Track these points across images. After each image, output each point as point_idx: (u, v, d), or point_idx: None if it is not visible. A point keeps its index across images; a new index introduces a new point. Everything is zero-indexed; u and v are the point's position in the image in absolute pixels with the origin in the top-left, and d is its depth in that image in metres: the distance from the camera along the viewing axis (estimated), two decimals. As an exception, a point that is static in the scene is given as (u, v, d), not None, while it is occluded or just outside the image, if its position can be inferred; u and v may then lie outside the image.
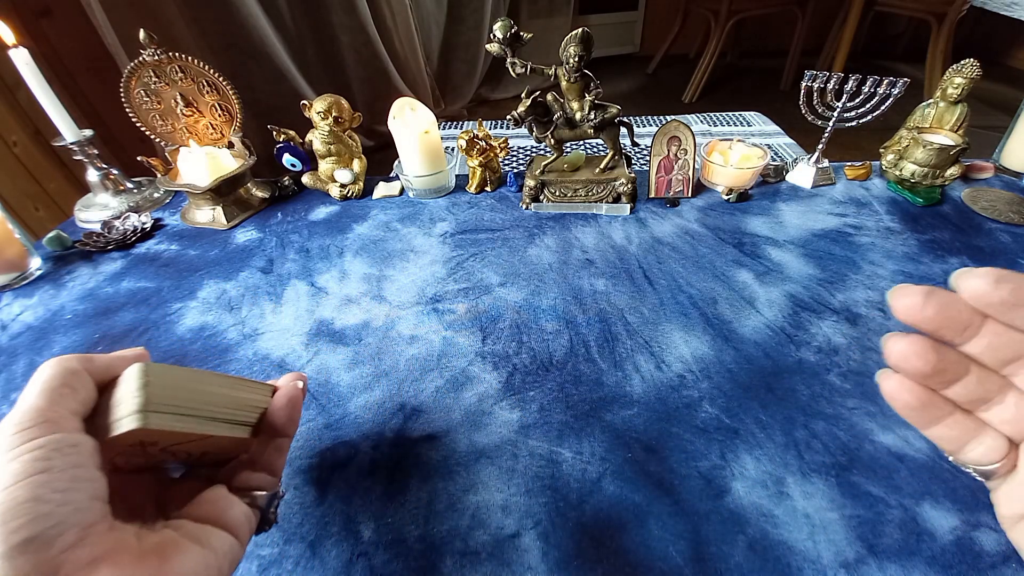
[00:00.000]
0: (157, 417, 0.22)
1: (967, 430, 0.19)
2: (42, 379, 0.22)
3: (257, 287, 0.59)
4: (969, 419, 0.20)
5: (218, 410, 0.25)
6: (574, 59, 0.57)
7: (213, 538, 0.22)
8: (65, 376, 0.22)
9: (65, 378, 0.22)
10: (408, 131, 0.69)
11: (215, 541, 0.22)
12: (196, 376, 0.25)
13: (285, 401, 0.29)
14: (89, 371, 0.23)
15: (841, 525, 0.34)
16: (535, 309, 0.53)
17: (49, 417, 0.20)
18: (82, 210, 0.74)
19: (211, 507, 0.24)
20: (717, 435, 0.40)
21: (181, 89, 0.69)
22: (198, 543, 0.22)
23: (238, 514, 0.24)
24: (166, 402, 0.22)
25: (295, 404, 0.29)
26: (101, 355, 0.24)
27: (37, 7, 1.18)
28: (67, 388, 0.21)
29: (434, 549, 0.34)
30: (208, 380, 0.25)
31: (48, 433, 0.20)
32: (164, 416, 0.22)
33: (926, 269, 0.56)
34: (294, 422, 0.29)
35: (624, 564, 0.32)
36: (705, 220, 0.66)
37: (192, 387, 0.24)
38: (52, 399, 0.21)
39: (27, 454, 0.19)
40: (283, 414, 0.28)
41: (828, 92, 0.68)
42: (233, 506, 0.25)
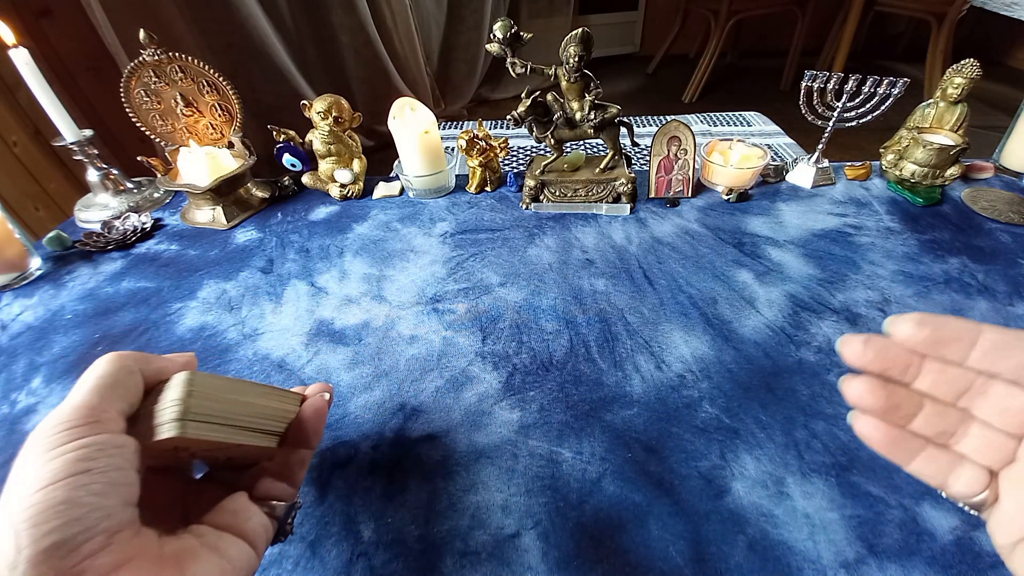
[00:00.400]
0: (195, 426, 0.22)
1: (945, 464, 0.21)
2: (97, 374, 0.22)
3: (257, 287, 0.59)
4: (944, 453, 0.21)
5: (251, 420, 0.26)
6: (574, 59, 0.57)
7: (231, 548, 0.22)
8: (120, 375, 0.22)
9: (120, 376, 0.22)
10: (408, 131, 0.69)
11: (232, 551, 0.22)
12: (235, 386, 0.26)
13: (312, 413, 0.29)
14: (142, 372, 0.23)
15: (841, 525, 0.34)
16: (535, 309, 0.53)
17: (99, 416, 0.20)
18: (82, 210, 0.74)
19: (232, 516, 0.24)
20: (717, 435, 0.40)
21: (181, 89, 0.69)
22: (216, 552, 0.22)
23: (257, 524, 0.24)
24: (205, 412, 0.23)
25: (321, 417, 0.30)
26: (155, 357, 0.25)
27: (37, 7, 1.18)
28: (121, 387, 0.22)
29: (434, 549, 0.34)
30: (245, 390, 0.26)
31: (95, 433, 0.20)
32: (202, 425, 0.23)
33: (926, 269, 0.56)
34: (318, 435, 0.29)
35: (624, 564, 0.32)
36: (705, 220, 0.66)
37: (230, 397, 0.25)
38: (104, 396, 0.21)
39: (71, 453, 0.19)
40: (309, 426, 0.29)
41: (828, 92, 0.68)
42: (253, 516, 0.25)
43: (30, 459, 0.19)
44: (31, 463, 0.19)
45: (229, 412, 0.24)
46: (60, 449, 0.19)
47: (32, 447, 0.19)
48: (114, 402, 0.21)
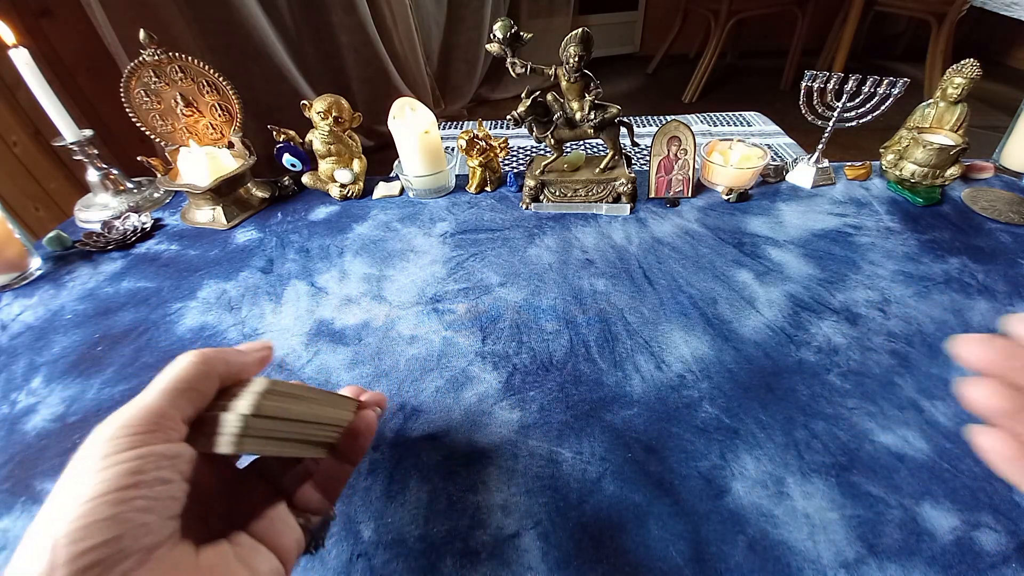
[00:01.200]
0: (252, 442, 0.22)
1: None
2: (174, 376, 0.21)
3: (257, 287, 0.59)
4: None
5: (311, 432, 0.25)
6: (574, 59, 0.57)
7: (263, 564, 0.22)
8: (197, 380, 0.21)
9: (194, 382, 0.21)
10: (408, 131, 0.69)
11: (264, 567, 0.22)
12: (306, 394, 0.25)
13: (364, 427, 0.28)
14: (220, 373, 0.23)
15: (841, 525, 0.34)
16: (535, 309, 0.53)
17: (162, 423, 0.20)
18: (82, 210, 0.74)
19: (269, 526, 0.24)
20: (717, 435, 0.40)
21: (181, 89, 0.69)
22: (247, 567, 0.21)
23: (291, 541, 0.24)
24: (267, 428, 0.22)
25: (370, 435, 0.29)
26: (233, 353, 0.24)
27: (37, 7, 1.18)
28: (192, 392, 0.21)
29: (434, 549, 0.34)
30: (313, 398, 0.26)
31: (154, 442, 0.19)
32: (259, 441, 0.22)
33: (926, 269, 0.56)
34: (364, 450, 0.29)
35: (624, 564, 0.32)
36: (705, 220, 0.66)
37: (299, 410, 0.24)
38: (174, 402, 0.20)
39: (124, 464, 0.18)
40: (361, 441, 0.28)
41: (828, 92, 0.68)
42: (289, 531, 0.24)
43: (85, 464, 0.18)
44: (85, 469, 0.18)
45: (291, 426, 0.24)
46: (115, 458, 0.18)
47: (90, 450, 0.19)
48: (183, 408, 0.21)
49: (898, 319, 0.50)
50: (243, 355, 0.25)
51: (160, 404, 0.20)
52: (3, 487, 0.39)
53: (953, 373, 0.44)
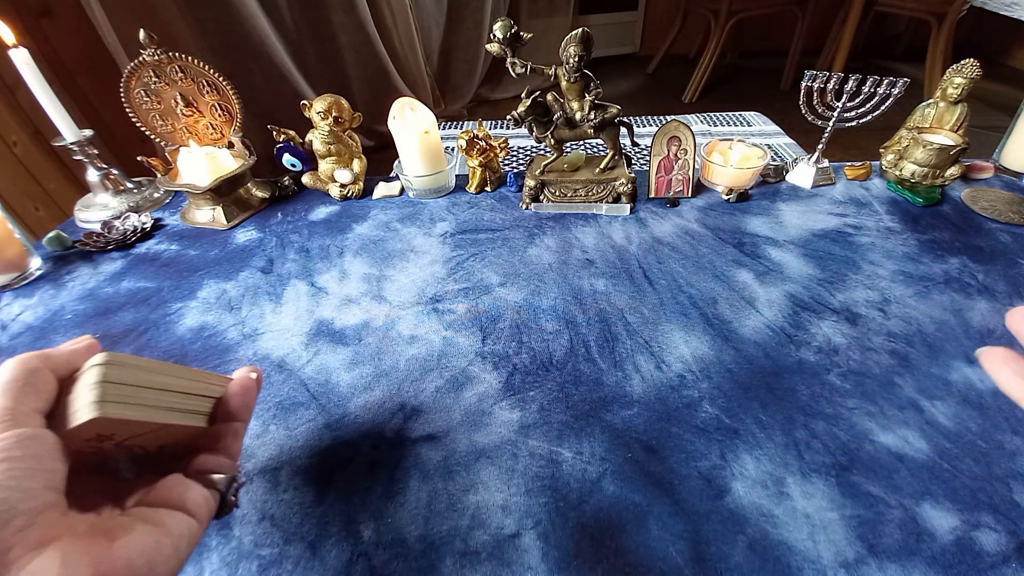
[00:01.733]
0: (113, 407, 0.22)
1: None
2: (3, 379, 0.22)
3: (257, 287, 0.59)
4: None
5: (175, 400, 0.26)
6: (574, 59, 0.57)
7: (168, 519, 0.23)
8: (27, 375, 0.22)
9: (27, 377, 0.22)
10: (408, 131, 0.69)
11: (170, 521, 0.23)
12: (153, 366, 0.25)
13: (238, 388, 0.29)
14: (50, 368, 0.23)
15: (841, 525, 0.34)
16: (535, 309, 0.53)
17: (13, 415, 0.21)
18: (82, 210, 0.74)
19: (168, 492, 0.24)
20: (717, 435, 0.40)
21: (181, 89, 0.69)
22: (151, 523, 0.22)
23: (196, 495, 0.25)
24: (123, 394, 0.23)
25: (248, 390, 0.30)
26: (59, 349, 0.25)
27: (37, 7, 1.18)
28: (28, 386, 0.22)
29: (434, 549, 0.34)
30: (166, 371, 0.26)
31: (10, 428, 0.20)
32: (119, 406, 0.23)
33: (926, 269, 0.56)
34: (248, 408, 0.30)
35: (624, 564, 0.32)
36: (705, 220, 0.66)
37: (149, 378, 0.25)
38: (15, 398, 0.21)
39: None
40: (237, 400, 0.29)
41: (828, 92, 0.68)
42: (190, 489, 0.25)
43: None
44: None
45: (149, 393, 0.24)
46: None
47: None
48: (26, 401, 0.22)
49: (898, 319, 0.50)
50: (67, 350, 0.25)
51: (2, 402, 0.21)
52: None
53: (953, 373, 0.44)
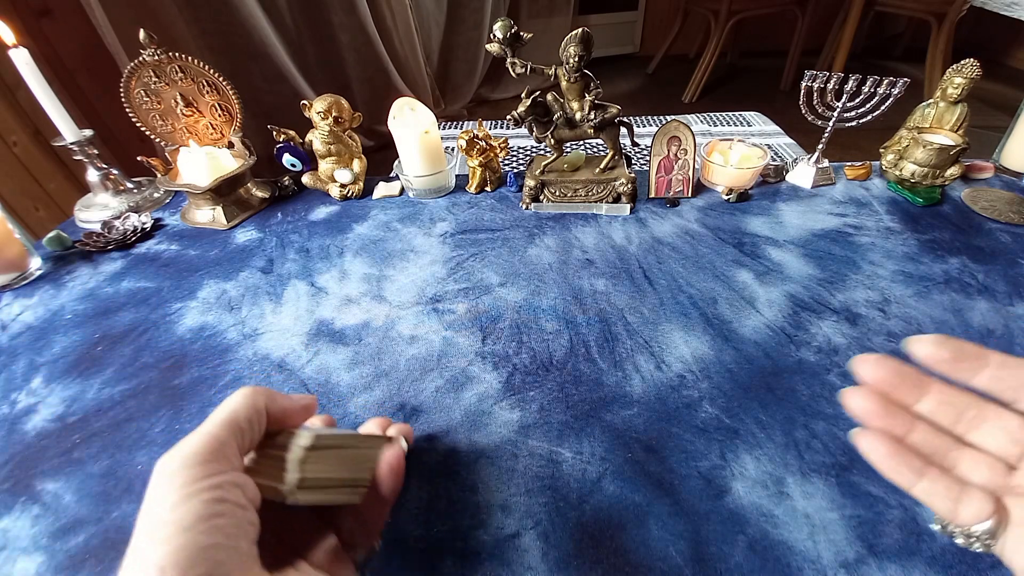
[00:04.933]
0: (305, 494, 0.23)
1: (951, 487, 0.21)
2: (231, 408, 0.22)
3: (257, 287, 0.59)
4: (948, 477, 0.22)
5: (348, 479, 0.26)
6: (574, 59, 0.57)
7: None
8: (250, 413, 0.22)
9: (251, 414, 0.22)
10: (408, 131, 0.69)
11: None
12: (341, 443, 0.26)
13: (389, 469, 0.29)
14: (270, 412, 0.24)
15: (841, 525, 0.34)
16: (535, 309, 0.53)
17: (226, 454, 0.21)
18: (82, 210, 0.74)
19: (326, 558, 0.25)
20: (717, 435, 0.40)
21: (181, 89, 0.69)
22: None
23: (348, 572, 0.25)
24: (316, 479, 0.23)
25: (399, 473, 0.29)
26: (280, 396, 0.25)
27: (37, 7, 1.18)
28: (248, 426, 0.22)
29: (434, 549, 0.34)
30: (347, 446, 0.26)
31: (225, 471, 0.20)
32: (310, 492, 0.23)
33: (926, 269, 0.56)
34: (397, 490, 0.29)
35: (624, 564, 0.32)
36: (705, 220, 0.66)
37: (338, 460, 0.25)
38: (234, 433, 0.21)
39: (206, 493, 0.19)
40: (388, 483, 0.29)
41: (828, 92, 0.68)
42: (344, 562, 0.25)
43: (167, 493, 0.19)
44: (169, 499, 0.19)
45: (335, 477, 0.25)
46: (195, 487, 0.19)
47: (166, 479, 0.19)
48: (239, 439, 0.22)
49: (898, 319, 0.50)
50: (290, 399, 0.26)
51: (222, 434, 0.21)
52: (3, 487, 0.39)
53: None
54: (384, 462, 0.29)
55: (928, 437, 0.22)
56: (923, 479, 0.22)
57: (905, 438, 0.22)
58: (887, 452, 0.22)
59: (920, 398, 0.23)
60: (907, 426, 0.22)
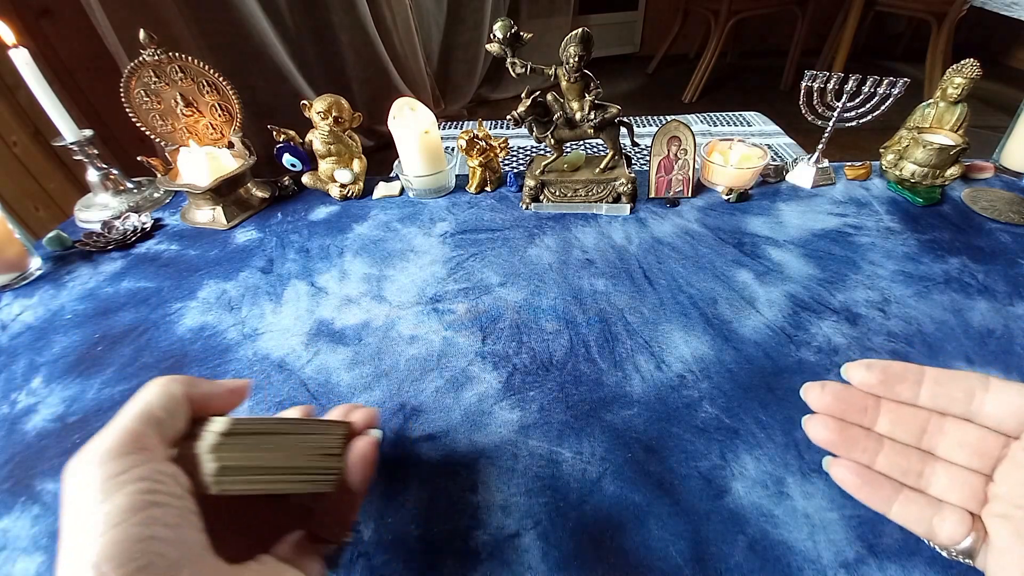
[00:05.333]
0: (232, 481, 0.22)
1: (925, 508, 0.21)
2: (144, 399, 0.21)
3: (257, 287, 0.59)
4: (922, 497, 0.22)
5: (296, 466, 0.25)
6: (574, 59, 0.57)
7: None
8: (167, 401, 0.21)
9: (167, 403, 0.21)
10: (408, 131, 0.69)
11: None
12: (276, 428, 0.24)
13: (358, 460, 0.27)
14: (190, 396, 0.22)
15: (841, 525, 0.34)
16: (535, 309, 0.53)
17: (145, 444, 0.19)
18: (82, 210, 0.74)
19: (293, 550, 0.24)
20: (717, 435, 0.40)
21: (181, 89, 0.69)
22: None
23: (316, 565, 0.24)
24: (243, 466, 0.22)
25: (368, 462, 0.28)
26: (203, 381, 0.24)
27: (37, 7, 1.18)
28: (165, 414, 0.21)
29: (434, 549, 0.34)
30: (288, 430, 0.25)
31: (148, 461, 0.19)
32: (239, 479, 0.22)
33: (926, 269, 0.56)
34: (367, 482, 0.28)
35: (624, 564, 0.32)
36: (705, 220, 0.66)
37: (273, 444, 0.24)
38: (149, 424, 0.20)
39: (131, 485, 0.18)
40: (357, 473, 0.27)
41: (828, 92, 0.68)
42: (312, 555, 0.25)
43: (89, 495, 0.18)
44: (93, 496, 0.17)
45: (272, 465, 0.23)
46: (119, 479, 0.18)
47: (85, 478, 0.18)
48: (159, 430, 0.20)
49: (898, 319, 0.50)
50: (214, 384, 0.24)
51: (136, 426, 0.20)
52: (3, 487, 0.39)
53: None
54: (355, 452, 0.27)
55: (896, 458, 0.22)
56: (896, 503, 0.22)
57: (874, 463, 0.23)
58: (857, 481, 0.22)
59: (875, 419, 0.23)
60: (874, 449, 0.23)
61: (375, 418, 0.30)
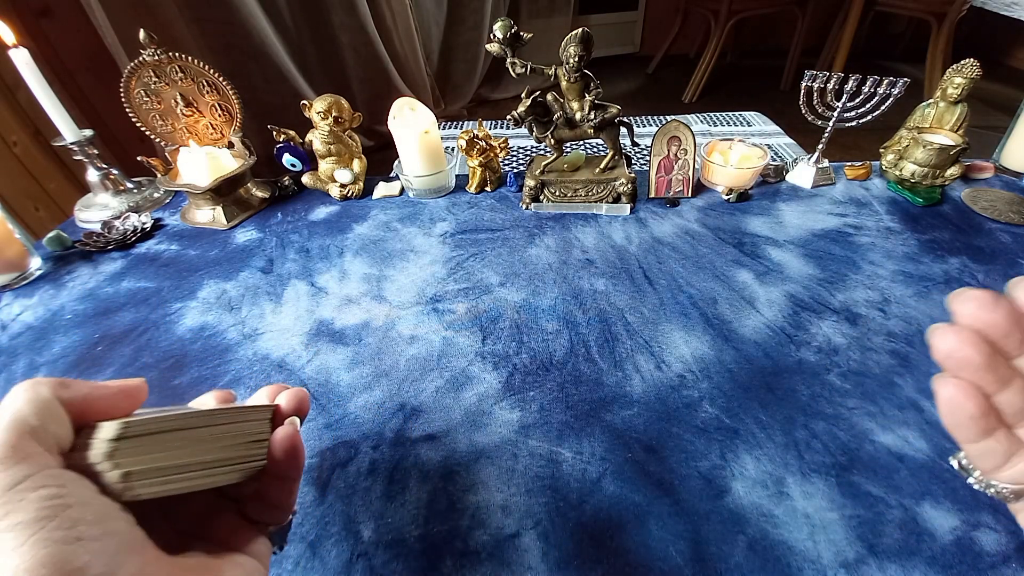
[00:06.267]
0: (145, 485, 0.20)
1: (1011, 445, 0.19)
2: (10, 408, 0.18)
3: (257, 287, 0.59)
4: (1012, 436, 0.19)
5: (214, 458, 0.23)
6: (574, 59, 0.57)
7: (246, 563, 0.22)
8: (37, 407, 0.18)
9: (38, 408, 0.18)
10: (408, 131, 0.69)
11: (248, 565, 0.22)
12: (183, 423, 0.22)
13: (281, 447, 0.26)
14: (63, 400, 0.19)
15: (841, 525, 0.34)
16: (535, 309, 0.53)
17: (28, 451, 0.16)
18: (82, 210, 0.74)
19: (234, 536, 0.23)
20: (717, 435, 0.40)
21: (181, 89, 0.69)
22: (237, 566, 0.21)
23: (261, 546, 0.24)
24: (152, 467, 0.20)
25: (294, 445, 0.26)
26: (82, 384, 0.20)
27: (37, 7, 1.18)
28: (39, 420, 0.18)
29: (434, 549, 0.34)
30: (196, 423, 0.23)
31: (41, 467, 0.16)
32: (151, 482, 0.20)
33: (926, 269, 0.56)
34: (298, 461, 0.26)
35: (624, 564, 0.32)
36: (705, 220, 0.66)
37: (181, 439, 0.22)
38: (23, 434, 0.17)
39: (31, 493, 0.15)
40: (282, 460, 0.25)
41: (828, 92, 0.68)
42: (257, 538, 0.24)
43: None
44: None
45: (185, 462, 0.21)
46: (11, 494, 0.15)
47: None
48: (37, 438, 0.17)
49: (898, 319, 0.50)
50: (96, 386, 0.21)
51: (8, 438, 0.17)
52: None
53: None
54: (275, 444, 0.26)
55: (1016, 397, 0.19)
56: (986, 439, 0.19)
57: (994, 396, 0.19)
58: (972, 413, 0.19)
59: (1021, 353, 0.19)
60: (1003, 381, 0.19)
61: (303, 400, 0.28)
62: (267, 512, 0.26)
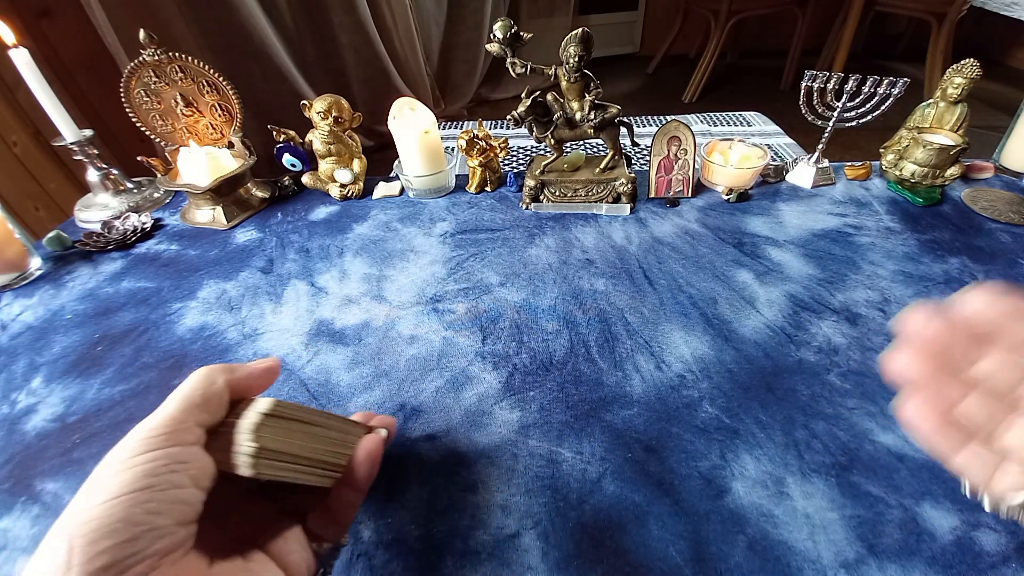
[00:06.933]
0: (268, 465, 0.22)
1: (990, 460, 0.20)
2: (187, 386, 0.23)
3: (257, 287, 0.59)
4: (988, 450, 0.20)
5: (319, 459, 0.25)
6: (574, 59, 0.57)
7: None
8: (207, 388, 0.23)
9: (206, 390, 0.23)
10: (408, 131, 0.69)
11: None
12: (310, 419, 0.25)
13: (365, 456, 0.28)
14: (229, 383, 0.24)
15: (841, 525, 0.34)
16: (535, 309, 0.53)
17: (176, 429, 0.21)
18: (82, 210, 0.74)
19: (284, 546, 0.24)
20: (717, 435, 0.40)
21: (181, 89, 0.69)
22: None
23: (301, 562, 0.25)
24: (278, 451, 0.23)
25: (375, 461, 0.28)
26: (240, 366, 0.25)
27: (37, 7, 1.18)
28: (203, 400, 0.22)
29: (434, 549, 0.34)
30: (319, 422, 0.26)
31: (167, 445, 0.20)
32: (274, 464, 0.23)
33: (926, 269, 0.56)
34: (371, 479, 0.28)
35: (624, 564, 0.32)
36: (705, 220, 0.66)
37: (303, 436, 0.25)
38: (188, 410, 0.22)
39: (140, 466, 0.19)
40: (363, 470, 0.28)
41: (828, 92, 0.68)
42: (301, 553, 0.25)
43: (107, 468, 0.19)
44: (106, 472, 0.19)
45: (301, 455, 0.24)
46: (131, 460, 0.19)
47: (114, 454, 0.20)
48: (196, 415, 0.22)
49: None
50: (248, 367, 0.26)
51: (174, 412, 0.21)
52: (3, 487, 0.39)
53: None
54: (361, 448, 0.28)
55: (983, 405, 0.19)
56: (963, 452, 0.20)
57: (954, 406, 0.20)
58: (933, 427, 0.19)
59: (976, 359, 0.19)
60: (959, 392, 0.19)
61: (391, 425, 0.31)
62: (328, 527, 0.27)
